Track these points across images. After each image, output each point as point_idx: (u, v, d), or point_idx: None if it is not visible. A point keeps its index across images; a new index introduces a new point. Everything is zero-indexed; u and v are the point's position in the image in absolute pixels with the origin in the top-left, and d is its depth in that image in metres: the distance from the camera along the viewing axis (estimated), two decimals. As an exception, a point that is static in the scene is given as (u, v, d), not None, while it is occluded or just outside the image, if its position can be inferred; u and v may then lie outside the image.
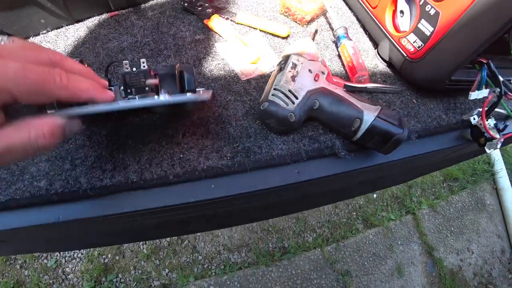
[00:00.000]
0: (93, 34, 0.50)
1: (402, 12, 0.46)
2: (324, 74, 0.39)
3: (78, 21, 0.51)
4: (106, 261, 1.33)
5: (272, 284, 1.32)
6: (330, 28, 0.55)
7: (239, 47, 0.48)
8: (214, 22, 0.51)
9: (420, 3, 0.42)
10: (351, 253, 1.46)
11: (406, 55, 0.46)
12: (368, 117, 0.35)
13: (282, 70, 0.37)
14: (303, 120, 0.38)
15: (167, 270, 1.33)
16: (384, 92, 0.47)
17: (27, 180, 0.36)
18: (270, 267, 1.36)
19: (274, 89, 0.36)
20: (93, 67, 0.46)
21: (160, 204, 0.34)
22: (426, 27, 0.42)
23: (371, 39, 0.54)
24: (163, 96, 0.31)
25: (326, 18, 0.57)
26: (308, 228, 1.49)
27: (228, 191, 0.35)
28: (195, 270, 1.33)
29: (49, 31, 0.50)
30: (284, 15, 0.56)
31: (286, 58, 0.39)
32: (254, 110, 0.41)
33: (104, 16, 0.52)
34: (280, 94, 0.35)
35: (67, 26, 0.51)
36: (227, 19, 0.53)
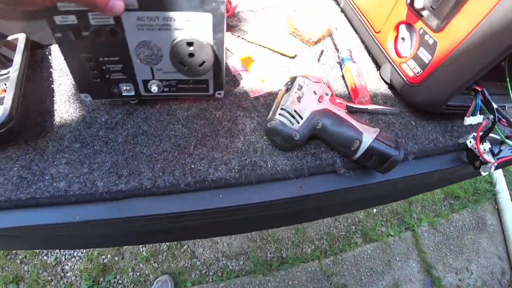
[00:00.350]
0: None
1: (403, 39, 0.49)
2: (328, 95, 0.42)
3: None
4: (105, 261, 1.35)
5: (268, 294, 1.33)
6: (336, 49, 0.58)
7: (249, 65, 0.51)
8: (226, 39, 0.54)
9: (420, 32, 0.45)
10: (349, 267, 1.46)
11: (406, 79, 0.48)
12: (367, 139, 0.38)
13: (288, 90, 0.40)
14: (306, 138, 0.40)
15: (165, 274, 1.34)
16: (384, 113, 0.49)
17: (47, 181, 0.39)
18: (267, 277, 1.36)
19: (281, 108, 0.39)
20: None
21: (171, 211, 0.37)
22: (425, 55, 0.44)
23: (374, 60, 0.57)
24: None
25: (332, 39, 0.60)
26: (307, 239, 1.50)
27: (234, 202, 0.38)
28: (192, 276, 1.34)
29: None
30: (292, 35, 0.59)
31: (293, 80, 0.42)
32: (262, 126, 0.44)
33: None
34: (286, 114, 0.38)
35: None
36: (238, 37, 0.57)
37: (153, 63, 0.39)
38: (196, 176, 0.38)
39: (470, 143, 0.47)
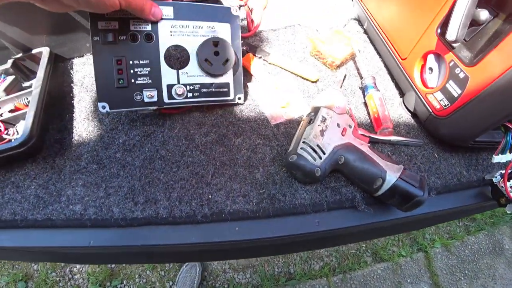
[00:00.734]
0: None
1: (431, 69, 0.47)
2: (351, 128, 0.41)
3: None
4: (113, 266, 1.35)
5: (274, 309, 1.31)
6: (358, 73, 0.57)
7: (271, 90, 0.51)
8: (247, 60, 0.54)
9: (450, 65, 0.43)
10: (358, 286, 1.42)
11: (431, 111, 0.46)
12: (391, 177, 0.36)
13: (311, 123, 0.39)
14: (327, 173, 0.39)
15: (171, 283, 1.33)
16: (406, 145, 0.48)
17: (64, 203, 0.39)
18: (274, 292, 1.34)
19: (303, 142, 0.38)
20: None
21: (186, 241, 0.36)
22: (454, 88, 0.42)
23: (398, 87, 0.56)
24: None
25: (355, 62, 0.59)
26: (316, 255, 1.47)
27: (250, 235, 0.37)
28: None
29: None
30: (315, 58, 0.58)
31: (316, 111, 0.40)
32: (281, 157, 0.43)
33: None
34: (308, 149, 0.37)
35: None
36: (260, 58, 0.56)
37: (179, 67, 0.43)
38: (213, 208, 0.37)
39: (496, 179, 0.45)
